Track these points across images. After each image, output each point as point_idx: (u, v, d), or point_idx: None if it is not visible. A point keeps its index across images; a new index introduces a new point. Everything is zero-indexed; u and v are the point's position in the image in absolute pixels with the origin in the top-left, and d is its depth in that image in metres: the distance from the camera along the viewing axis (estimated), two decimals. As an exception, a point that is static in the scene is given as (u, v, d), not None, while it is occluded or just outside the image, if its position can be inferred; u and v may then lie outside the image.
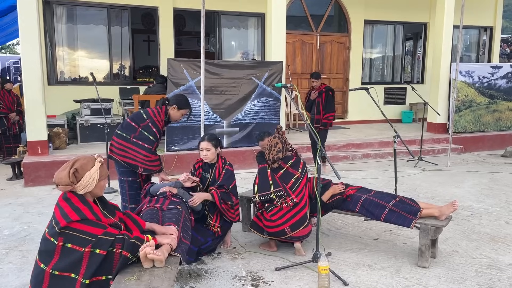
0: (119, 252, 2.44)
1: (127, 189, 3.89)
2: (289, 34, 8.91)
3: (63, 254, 2.38)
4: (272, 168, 3.75)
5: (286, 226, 3.60)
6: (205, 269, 3.50)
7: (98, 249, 2.39)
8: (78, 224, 2.39)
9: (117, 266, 2.45)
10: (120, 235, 2.49)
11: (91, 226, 2.42)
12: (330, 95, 6.73)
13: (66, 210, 2.41)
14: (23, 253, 3.81)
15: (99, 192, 2.60)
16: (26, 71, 6.25)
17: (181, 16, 11.47)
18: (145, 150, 3.76)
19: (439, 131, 9.00)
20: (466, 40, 12.11)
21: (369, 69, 11.34)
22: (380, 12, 10.72)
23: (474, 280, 3.31)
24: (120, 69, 9.57)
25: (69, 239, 2.38)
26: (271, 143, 3.73)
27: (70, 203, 2.44)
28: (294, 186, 3.67)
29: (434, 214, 3.54)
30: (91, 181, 2.49)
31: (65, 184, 2.45)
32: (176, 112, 3.99)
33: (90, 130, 7.56)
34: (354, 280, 3.30)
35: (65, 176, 2.44)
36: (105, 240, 2.41)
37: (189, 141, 7.03)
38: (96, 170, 2.53)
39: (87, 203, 2.48)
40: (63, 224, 2.37)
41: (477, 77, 9.01)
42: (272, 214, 3.63)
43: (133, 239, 2.50)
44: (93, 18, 8.96)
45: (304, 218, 3.64)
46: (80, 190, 2.48)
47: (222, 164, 3.88)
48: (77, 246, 2.38)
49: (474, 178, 6.54)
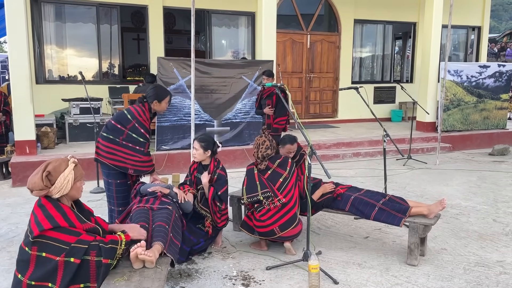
0: (95, 260, 2.39)
1: (115, 192, 3.78)
2: (279, 33, 8.92)
3: (39, 263, 2.32)
4: (259, 169, 3.76)
5: (275, 226, 3.61)
6: (195, 269, 3.49)
7: (72, 258, 2.34)
8: (51, 232, 2.34)
9: (99, 273, 2.40)
10: (95, 241, 2.44)
11: (64, 233, 2.36)
12: (282, 96, 6.12)
13: (39, 218, 2.35)
14: (11, 254, 3.76)
15: (76, 194, 2.54)
16: (13, 70, 6.18)
17: (171, 15, 11.40)
18: (137, 152, 3.69)
19: (428, 130, 9.09)
20: (455, 39, 12.23)
21: (359, 68, 11.40)
22: (370, 11, 10.78)
23: (462, 278, 3.35)
24: (109, 67, 9.49)
25: (43, 248, 2.33)
26: (259, 142, 3.75)
27: (43, 209, 2.38)
28: (282, 186, 3.67)
29: (423, 213, 3.57)
30: (66, 183, 2.43)
31: (39, 188, 2.38)
32: (159, 105, 3.85)
33: (79, 130, 7.49)
34: (344, 279, 3.32)
35: (38, 180, 2.37)
36: (78, 248, 2.36)
37: (179, 140, 7.00)
38: (70, 171, 2.47)
39: (61, 208, 2.41)
40: (36, 233, 2.31)
41: (465, 76, 9.11)
42: (261, 214, 3.64)
43: (109, 244, 2.46)
44: (82, 16, 8.87)
45: (293, 218, 3.65)
46: (56, 193, 2.42)
47: (214, 167, 3.84)
48: (52, 254, 2.33)
49: (462, 176, 6.62)
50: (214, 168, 3.83)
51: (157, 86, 4.00)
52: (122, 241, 2.52)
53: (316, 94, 10.68)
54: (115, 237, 2.53)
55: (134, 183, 3.84)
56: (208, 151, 3.82)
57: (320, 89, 10.70)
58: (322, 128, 9.73)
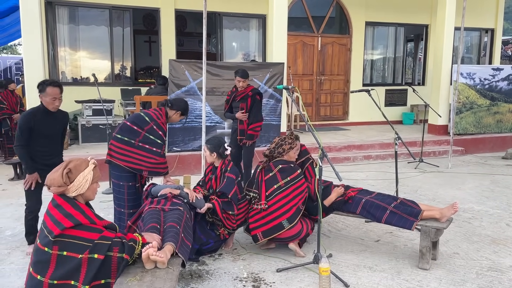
0: (117, 256, 2.43)
1: (126, 194, 3.78)
2: (290, 35, 8.92)
3: (59, 262, 2.34)
4: (265, 167, 3.84)
5: (258, 232, 3.70)
6: (206, 270, 3.51)
7: (96, 254, 2.37)
8: (73, 230, 2.36)
9: (119, 269, 2.44)
10: (118, 238, 2.48)
11: (86, 231, 2.39)
12: (257, 100, 5.42)
13: (57, 218, 2.37)
14: (24, 254, 3.82)
15: (91, 196, 2.57)
16: (28, 72, 6.28)
17: (183, 17, 11.50)
18: (153, 154, 3.72)
19: (440, 133, 9.01)
20: (467, 42, 12.11)
21: (370, 70, 11.35)
22: (381, 13, 10.74)
23: (474, 282, 3.31)
24: (121, 70, 9.59)
25: (64, 247, 2.34)
26: (283, 141, 3.91)
27: (61, 209, 2.40)
28: (273, 193, 3.71)
29: (435, 216, 3.54)
30: (84, 182, 2.48)
31: (57, 185, 2.42)
32: (178, 117, 4.05)
33: (91, 131, 7.57)
34: (355, 282, 3.30)
35: (58, 177, 2.41)
36: (102, 244, 2.39)
37: (190, 142, 7.05)
38: (89, 171, 2.52)
39: (79, 207, 2.44)
40: (57, 232, 2.33)
41: (478, 79, 9.01)
42: (250, 216, 3.77)
43: (130, 241, 2.51)
44: (95, 19, 8.98)
45: (278, 226, 3.64)
46: (73, 192, 2.45)
47: (221, 169, 3.86)
48: (74, 253, 2.35)
49: (475, 180, 6.55)
50: (221, 171, 3.85)
51: (187, 103, 4.19)
52: (139, 242, 2.56)
53: (327, 96, 10.66)
54: (135, 236, 2.58)
55: (142, 186, 3.87)
56: (214, 153, 3.86)
57: (331, 92, 10.68)
58: (332, 131, 9.70)
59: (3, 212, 4.99)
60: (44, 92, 3.65)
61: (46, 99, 3.68)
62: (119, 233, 2.58)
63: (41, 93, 3.67)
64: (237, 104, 5.50)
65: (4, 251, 3.88)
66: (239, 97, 5.47)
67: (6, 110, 7.64)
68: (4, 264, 3.62)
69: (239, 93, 5.47)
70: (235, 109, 5.53)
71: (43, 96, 3.68)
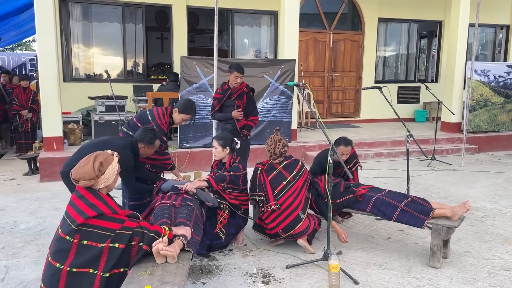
0: (137, 245, 2.50)
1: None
2: (302, 32, 8.89)
3: (79, 251, 2.41)
4: (264, 168, 3.81)
5: (279, 229, 3.68)
6: (216, 265, 3.53)
7: (118, 243, 2.44)
8: (95, 220, 2.43)
9: (136, 258, 2.51)
10: (139, 228, 2.54)
11: (108, 221, 2.46)
12: (252, 96, 5.16)
13: (81, 207, 2.45)
14: (39, 247, 3.89)
15: (113, 186, 2.67)
16: (42, 68, 6.36)
17: (194, 14, 11.52)
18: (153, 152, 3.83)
19: (453, 131, 8.90)
20: (482, 38, 11.93)
21: (382, 67, 11.25)
22: (394, 10, 10.63)
23: (486, 281, 3.28)
24: (134, 66, 9.67)
25: (86, 236, 2.42)
26: (275, 139, 3.80)
27: (84, 200, 2.48)
28: (284, 189, 3.70)
29: (446, 215, 3.52)
30: (112, 174, 2.58)
31: (89, 178, 2.48)
32: (177, 115, 4.10)
33: (104, 127, 7.64)
34: (365, 279, 3.30)
35: (90, 170, 2.48)
36: (123, 234, 2.47)
37: (201, 138, 7.08)
38: (116, 163, 2.63)
39: (101, 197, 2.52)
40: (80, 221, 2.41)
41: (493, 76, 8.88)
42: (266, 217, 3.73)
43: (153, 233, 2.56)
44: (107, 16, 9.05)
45: (296, 219, 3.65)
46: (102, 184, 2.54)
47: (230, 164, 3.91)
48: (94, 242, 2.41)
49: (488, 178, 6.47)
50: (230, 165, 3.90)
51: (190, 102, 4.20)
52: (165, 236, 2.59)
53: (338, 93, 10.61)
54: (160, 229, 2.62)
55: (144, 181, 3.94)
56: (227, 148, 3.90)
57: (342, 89, 10.62)
58: (344, 128, 9.65)
59: (17, 206, 5.08)
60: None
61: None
62: (143, 222, 2.62)
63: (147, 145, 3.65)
64: (232, 103, 5.01)
65: (19, 245, 3.96)
66: (235, 94, 4.99)
67: (16, 106, 7.76)
68: (19, 257, 3.69)
69: (235, 90, 4.98)
70: (227, 108, 5.03)
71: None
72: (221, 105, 5.05)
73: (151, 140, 3.61)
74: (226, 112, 5.04)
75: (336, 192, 3.89)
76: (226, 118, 5.03)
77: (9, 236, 4.15)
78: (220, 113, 5.08)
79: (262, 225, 3.82)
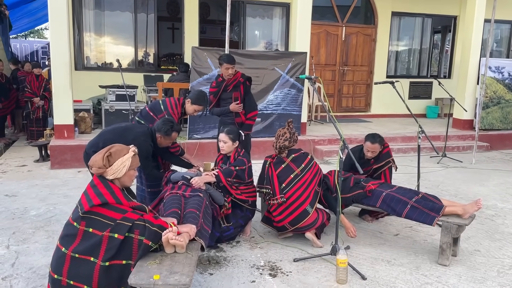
0: (137, 238, 2.50)
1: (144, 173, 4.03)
2: (314, 24, 8.81)
3: (84, 238, 2.47)
4: (273, 161, 3.78)
5: (285, 222, 3.68)
6: (224, 256, 3.54)
7: (116, 234, 2.46)
8: (100, 208, 2.49)
9: (139, 253, 2.50)
10: (141, 221, 2.53)
11: (111, 210, 2.50)
12: (249, 86, 4.84)
13: (90, 195, 2.51)
14: (48, 233, 3.93)
15: (128, 182, 2.69)
16: (54, 56, 6.38)
17: (206, 4, 11.45)
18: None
19: (465, 128, 8.80)
20: (497, 34, 11.73)
21: (394, 62, 11.13)
22: (408, 4, 10.48)
23: (495, 281, 3.25)
24: (144, 56, 9.67)
25: (90, 224, 2.47)
26: (280, 133, 3.78)
27: (95, 189, 2.54)
28: (291, 182, 3.68)
29: (457, 212, 3.48)
30: (121, 167, 2.60)
31: (98, 166, 2.57)
32: (189, 106, 4.16)
33: (114, 116, 7.67)
34: (373, 275, 3.29)
35: (99, 159, 2.57)
36: (123, 225, 2.48)
37: (210, 129, 7.08)
38: (128, 158, 2.64)
39: (111, 188, 2.55)
40: (86, 208, 2.47)
41: (507, 73, 8.74)
42: (273, 210, 3.73)
43: (155, 227, 2.54)
44: (119, 5, 9.05)
45: (304, 213, 3.64)
46: (110, 174, 2.58)
47: (235, 158, 3.89)
48: (97, 230, 2.46)
49: (499, 176, 6.39)
50: (234, 159, 3.88)
51: (203, 94, 4.22)
52: (173, 227, 2.60)
53: (349, 87, 10.53)
54: (165, 223, 2.61)
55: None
56: (236, 142, 3.90)
57: (353, 83, 10.53)
58: (354, 122, 9.59)
59: (28, 193, 5.14)
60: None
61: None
62: (147, 216, 2.61)
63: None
64: (228, 95, 4.76)
65: (29, 231, 4.00)
66: (231, 86, 4.73)
67: (28, 93, 7.83)
68: (29, 243, 3.74)
69: (230, 81, 4.71)
70: (225, 102, 4.80)
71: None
72: (218, 99, 4.81)
73: (167, 131, 3.73)
74: (224, 105, 4.80)
75: (345, 186, 3.87)
76: (225, 112, 4.78)
77: (19, 222, 4.20)
78: (218, 107, 4.84)
79: (270, 218, 3.82)
